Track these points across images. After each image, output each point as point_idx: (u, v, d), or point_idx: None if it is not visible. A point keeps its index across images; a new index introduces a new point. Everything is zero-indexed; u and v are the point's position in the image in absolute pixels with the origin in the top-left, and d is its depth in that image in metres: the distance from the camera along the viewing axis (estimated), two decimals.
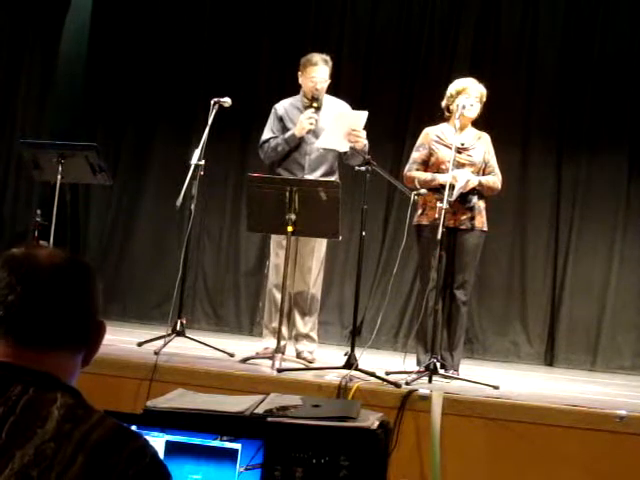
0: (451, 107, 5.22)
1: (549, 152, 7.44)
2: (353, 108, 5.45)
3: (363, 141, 5.07)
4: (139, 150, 8.10)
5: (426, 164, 5.23)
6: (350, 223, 6.77)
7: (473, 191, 5.10)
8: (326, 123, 5.17)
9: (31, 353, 1.47)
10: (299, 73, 5.39)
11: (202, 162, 5.21)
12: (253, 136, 7.64)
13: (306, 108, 5.32)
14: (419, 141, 5.31)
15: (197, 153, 5.22)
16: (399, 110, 7.67)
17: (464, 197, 5.06)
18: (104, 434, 1.40)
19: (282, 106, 5.45)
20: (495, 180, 5.22)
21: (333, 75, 5.46)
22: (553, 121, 7.45)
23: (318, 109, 5.29)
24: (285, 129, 5.34)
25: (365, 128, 5.45)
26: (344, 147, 5.13)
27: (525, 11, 7.57)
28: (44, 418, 1.40)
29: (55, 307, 1.49)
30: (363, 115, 5.05)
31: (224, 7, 8.03)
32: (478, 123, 5.33)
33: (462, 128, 5.19)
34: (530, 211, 7.42)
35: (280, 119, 5.39)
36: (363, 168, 4.89)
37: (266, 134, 5.40)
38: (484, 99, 5.24)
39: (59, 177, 5.57)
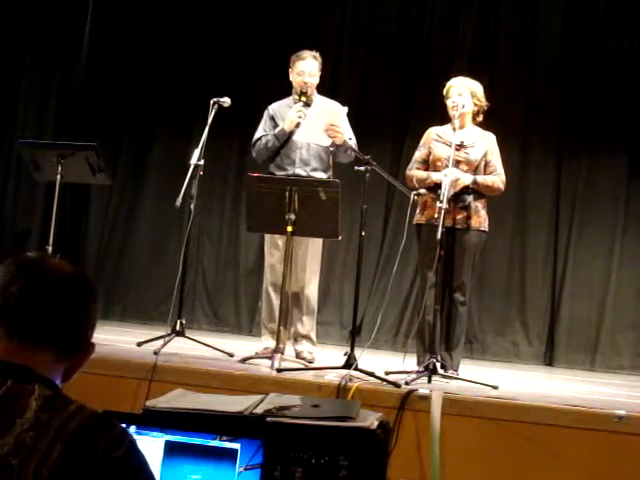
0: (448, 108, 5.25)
1: (549, 152, 7.43)
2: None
3: (342, 136, 5.10)
4: (139, 150, 8.09)
5: (426, 163, 5.25)
6: (350, 223, 6.76)
7: (468, 190, 5.09)
8: (309, 118, 5.19)
9: (16, 346, 1.50)
10: (289, 70, 5.43)
11: (202, 162, 5.22)
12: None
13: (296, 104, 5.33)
14: (421, 140, 5.33)
15: (197, 153, 5.23)
16: (399, 110, 7.67)
17: (458, 196, 5.05)
18: (82, 422, 1.44)
19: (274, 106, 5.50)
20: (495, 180, 5.20)
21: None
22: (553, 121, 7.43)
23: (307, 104, 5.29)
24: (276, 127, 5.37)
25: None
26: (325, 141, 5.17)
27: (525, 11, 7.55)
28: (22, 408, 1.43)
29: (51, 307, 1.52)
30: (342, 111, 5.10)
31: (223, 7, 8.03)
32: (479, 123, 5.33)
33: (462, 126, 5.20)
34: (530, 211, 7.40)
35: (272, 118, 5.44)
36: (362, 168, 4.89)
37: (258, 133, 5.46)
38: (477, 94, 5.20)
39: (59, 177, 5.57)
